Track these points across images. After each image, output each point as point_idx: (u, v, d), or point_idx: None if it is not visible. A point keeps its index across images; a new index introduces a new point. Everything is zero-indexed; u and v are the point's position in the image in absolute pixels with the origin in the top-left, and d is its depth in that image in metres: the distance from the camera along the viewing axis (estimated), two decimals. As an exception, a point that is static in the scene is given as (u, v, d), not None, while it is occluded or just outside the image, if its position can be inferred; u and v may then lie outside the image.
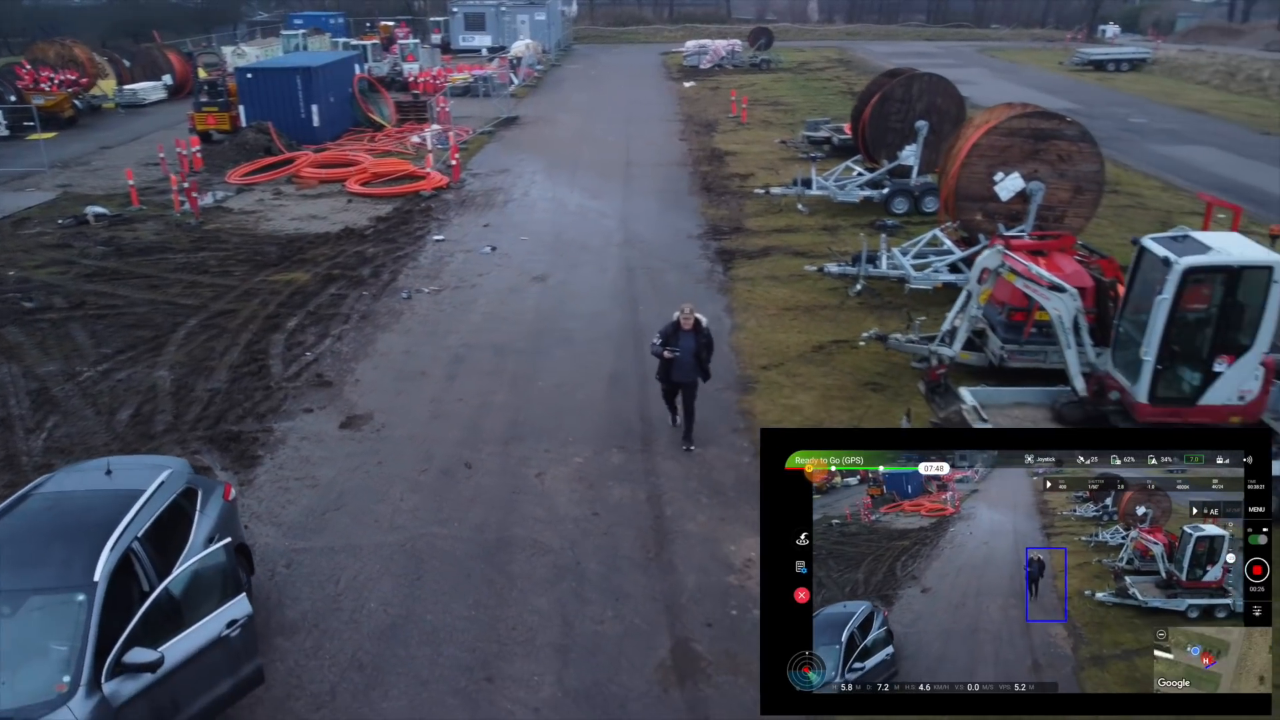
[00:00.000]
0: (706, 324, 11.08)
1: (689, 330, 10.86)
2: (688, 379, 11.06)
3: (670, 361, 10.90)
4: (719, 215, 21.94)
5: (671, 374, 11.06)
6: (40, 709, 5.91)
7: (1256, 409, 10.04)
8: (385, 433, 11.91)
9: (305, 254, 19.05)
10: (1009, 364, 12.47)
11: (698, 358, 10.94)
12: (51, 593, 6.47)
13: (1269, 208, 22.37)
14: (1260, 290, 9.49)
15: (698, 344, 10.92)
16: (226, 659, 6.87)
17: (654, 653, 8.03)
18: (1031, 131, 15.31)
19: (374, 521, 9.97)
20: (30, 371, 13.63)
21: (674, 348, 10.79)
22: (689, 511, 10.12)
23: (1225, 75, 45.06)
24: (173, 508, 7.63)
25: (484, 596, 8.78)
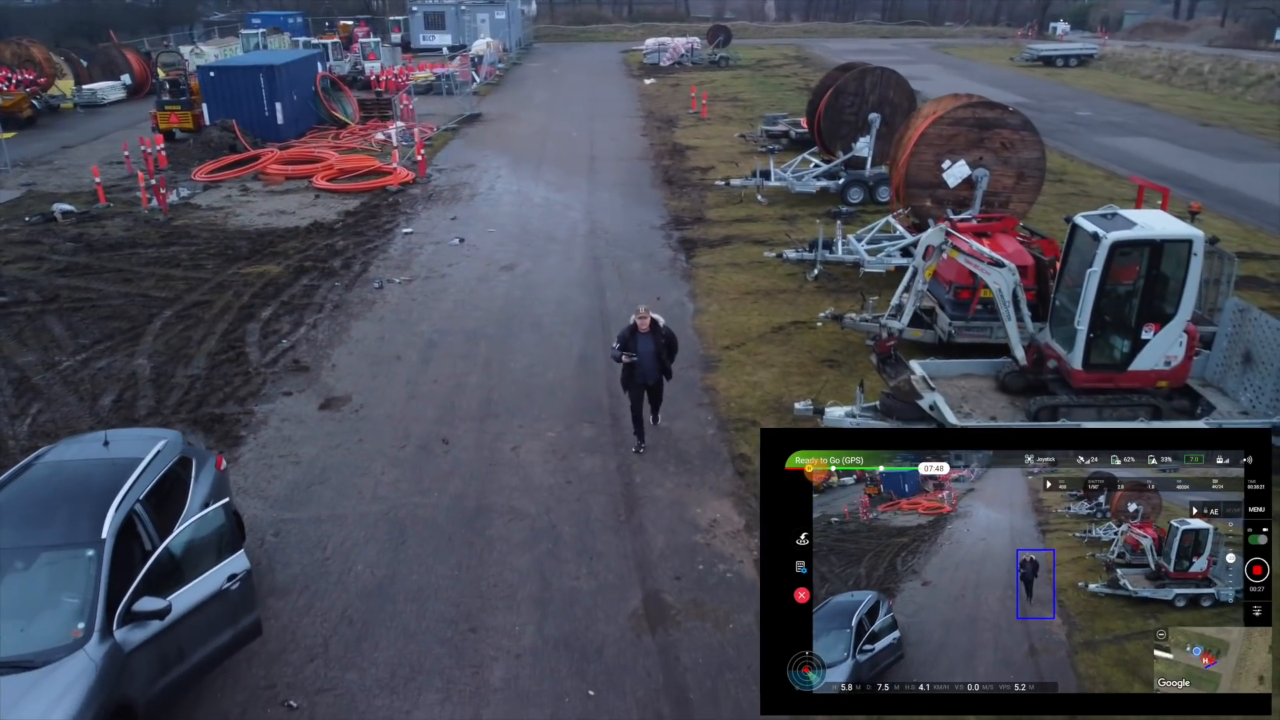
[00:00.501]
0: (665, 323, 10.97)
1: (646, 332, 10.69)
2: (652, 380, 10.95)
3: (632, 366, 10.72)
4: (681, 206, 22.56)
5: (635, 377, 10.84)
6: (59, 652, 6.36)
7: (1181, 374, 10.84)
8: (364, 413, 12.36)
9: (275, 247, 19.37)
10: (957, 339, 13.19)
11: (659, 358, 10.80)
12: (63, 549, 6.91)
13: (1204, 194, 23.41)
14: (1182, 262, 10.26)
15: (657, 344, 10.76)
16: (227, 611, 7.34)
17: (627, 604, 8.60)
18: (976, 121, 16.09)
19: (357, 493, 10.44)
20: (9, 361, 13.89)
21: (632, 352, 10.63)
22: (657, 479, 10.70)
23: (1168, 70, 46.58)
24: (169, 474, 8.07)
25: (465, 558, 9.30)
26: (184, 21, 73.22)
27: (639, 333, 10.69)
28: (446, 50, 57.56)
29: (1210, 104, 39.04)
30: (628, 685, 7.65)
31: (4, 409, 12.45)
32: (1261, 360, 10.71)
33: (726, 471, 10.83)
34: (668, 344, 10.90)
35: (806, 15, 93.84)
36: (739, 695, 7.49)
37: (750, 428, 11.74)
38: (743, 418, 12.02)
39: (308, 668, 7.84)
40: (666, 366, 10.99)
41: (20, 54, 37.00)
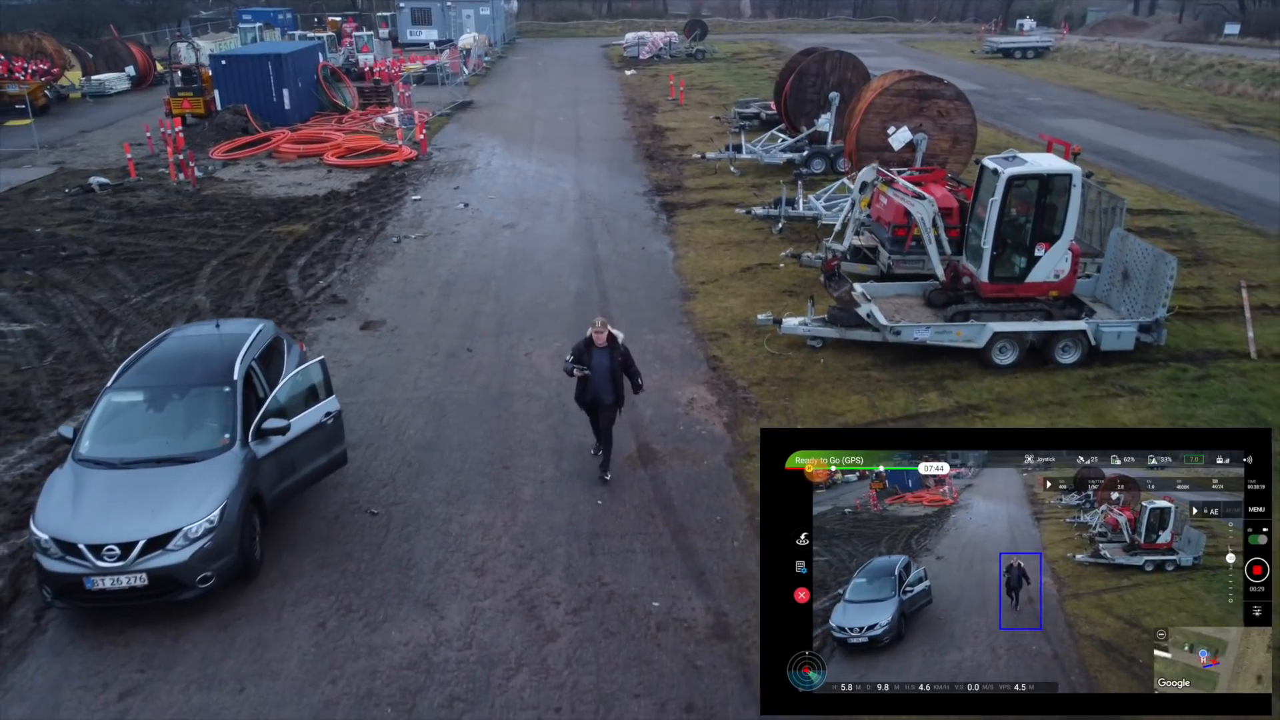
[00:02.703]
0: (623, 339, 10.24)
1: (602, 346, 9.95)
2: (605, 398, 10.09)
3: (585, 380, 10.04)
4: (661, 177, 25.02)
5: (587, 393, 10.13)
6: (214, 453, 8.73)
7: (1068, 285, 13.38)
8: (398, 332, 14.73)
9: (299, 212, 21.66)
10: (895, 270, 15.67)
11: (614, 376, 9.99)
12: (207, 387, 9.26)
13: (1130, 165, 26.20)
14: (1064, 192, 12.79)
15: (613, 361, 9.97)
16: (324, 440, 9.74)
17: (625, 450, 11.02)
18: (916, 92, 18.64)
19: (401, 385, 12.82)
20: (85, 299, 16.14)
21: (585, 366, 9.92)
22: (645, 372, 12.96)
23: (1116, 61, 49.52)
24: (270, 346, 10.42)
25: (494, 425, 11.70)
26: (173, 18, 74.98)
27: (594, 346, 9.95)
28: (433, 45, 59.70)
29: (1151, 91, 41.96)
30: (627, 498, 10.09)
31: (92, 331, 14.72)
32: (1135, 276, 13.28)
33: (702, 368, 13.30)
34: (625, 362, 10.08)
35: (780, 12, 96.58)
36: (711, 503, 9.95)
37: (722, 339, 14.21)
38: (715, 331, 14.49)
39: (381, 491, 10.23)
40: (621, 388, 10.12)
41: (33, 45, 38.94)
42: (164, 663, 7.76)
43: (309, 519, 9.72)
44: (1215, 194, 22.91)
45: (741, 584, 8.61)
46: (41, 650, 7.94)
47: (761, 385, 12.65)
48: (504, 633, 8.07)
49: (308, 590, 8.63)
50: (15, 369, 13.36)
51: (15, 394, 12.56)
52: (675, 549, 9.22)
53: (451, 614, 8.30)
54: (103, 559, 7.87)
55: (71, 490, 8.32)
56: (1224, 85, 40.31)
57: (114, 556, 7.88)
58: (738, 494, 10.12)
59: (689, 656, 7.77)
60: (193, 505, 8.21)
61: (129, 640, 8.00)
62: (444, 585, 8.68)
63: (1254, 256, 17.89)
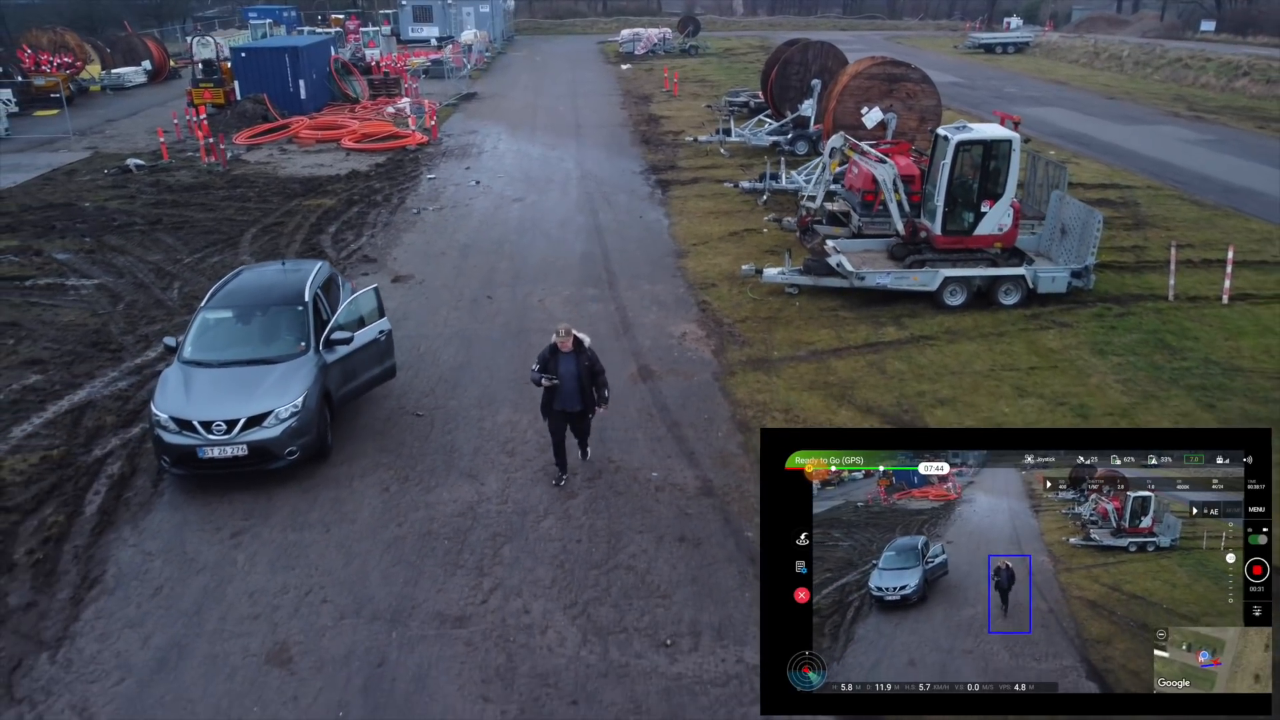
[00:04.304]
0: (590, 344, 9.98)
1: (569, 353, 9.66)
2: (573, 407, 9.84)
3: (553, 390, 9.69)
4: (657, 158, 27.04)
5: (554, 403, 9.77)
6: (293, 356, 10.71)
7: (1011, 238, 15.39)
8: (425, 284, 16.71)
9: (324, 188, 23.62)
10: (865, 232, 17.68)
11: (581, 383, 9.70)
12: (284, 305, 11.22)
13: (1091, 147, 28.28)
14: (1005, 155, 14.80)
15: (580, 367, 9.66)
16: (378, 354, 11.72)
17: (627, 368, 13.01)
18: (886, 76, 20.67)
19: (432, 324, 14.80)
20: (142, 259, 18.08)
21: (552, 375, 9.61)
22: (643, 313, 15.14)
23: (1091, 55, 51.70)
24: (329, 279, 12.39)
25: (515, 353, 13.68)
26: (178, 16, 76.87)
27: (560, 353, 9.67)
28: (434, 41, 61.66)
29: (1121, 82, 44.11)
30: (629, 404, 12.06)
31: (154, 284, 16.67)
32: (1070, 230, 15.31)
33: (693, 310, 15.30)
34: (591, 368, 9.81)
35: (772, 10, 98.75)
36: (700, 407, 11.93)
37: (710, 288, 16.21)
38: (705, 282, 16.50)
39: (424, 399, 12.22)
40: (590, 395, 9.84)
41: (56, 40, 40.80)
42: (262, 514, 9.74)
43: (367, 419, 11.70)
44: (1164, 171, 24.99)
45: (724, 461, 10.62)
46: (162, 507, 9.92)
47: (744, 323, 14.65)
48: (533, 493, 10.06)
49: (371, 466, 10.62)
50: (93, 313, 15.30)
51: (98, 332, 14.51)
52: (670, 438, 11.22)
53: (490, 481, 10.28)
54: (212, 433, 9.84)
55: (183, 383, 10.29)
56: (1190, 77, 42.48)
57: (220, 431, 9.86)
58: (722, 400, 12.13)
59: (681, 507, 9.77)
60: (280, 393, 10.19)
61: (231, 500, 9.98)
62: (482, 463, 10.67)
63: (1188, 222, 19.95)
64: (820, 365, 13.08)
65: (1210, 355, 13.13)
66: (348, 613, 8.25)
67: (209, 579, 8.73)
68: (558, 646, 7.83)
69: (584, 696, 7.31)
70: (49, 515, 9.65)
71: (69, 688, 7.42)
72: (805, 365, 13.10)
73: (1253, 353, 13.23)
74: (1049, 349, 13.47)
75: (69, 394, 12.37)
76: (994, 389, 12.24)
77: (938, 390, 12.24)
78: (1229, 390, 12.09)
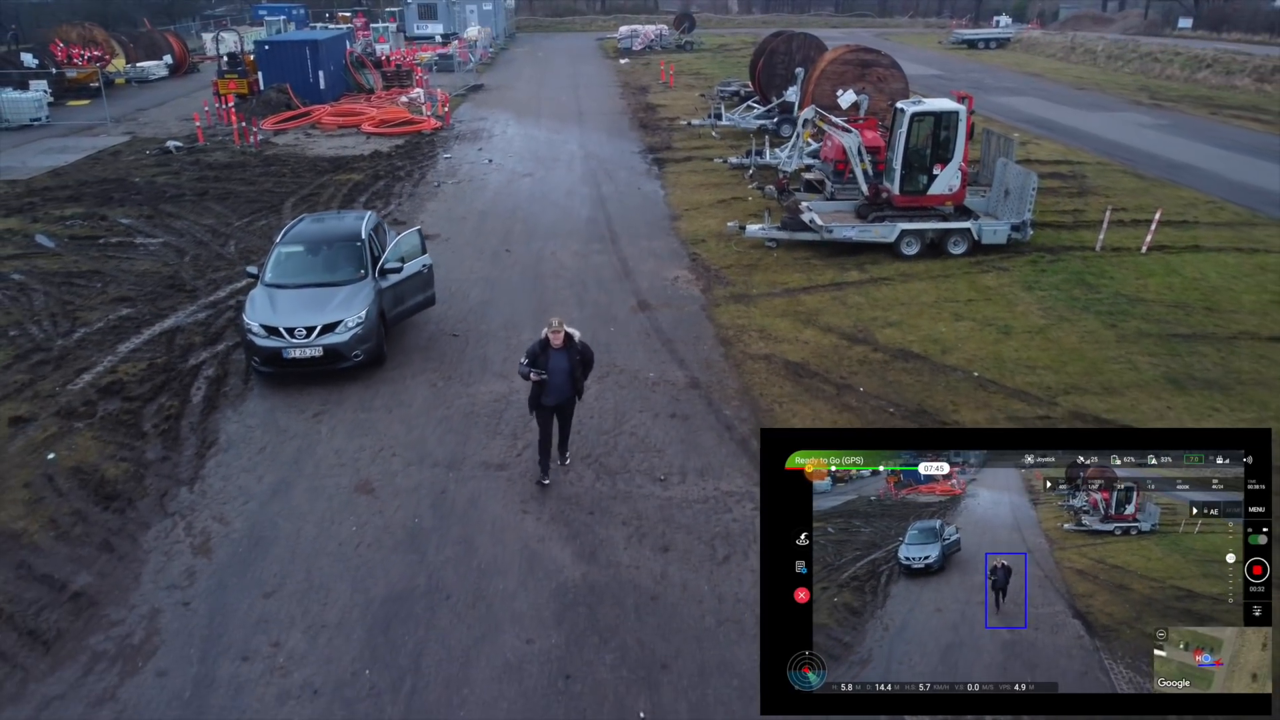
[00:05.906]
0: (581, 338, 9.86)
1: (560, 348, 9.55)
2: (562, 401, 9.87)
3: (542, 385, 9.57)
4: (653, 140, 29.43)
5: (543, 397, 9.68)
6: (355, 280, 13.07)
7: (959, 197, 17.78)
8: (451, 241, 19.07)
9: (351, 166, 25.98)
10: (837, 197, 20.07)
11: (573, 377, 9.68)
12: (345, 243, 13.59)
13: (1054, 131, 30.69)
14: (954, 126, 17.20)
15: (571, 362, 9.59)
16: (422, 283, 14.10)
17: (628, 302, 15.40)
18: (859, 61, 23.04)
19: (459, 270, 17.16)
20: (196, 223, 20.42)
21: (542, 370, 9.50)
22: (641, 262, 17.52)
23: (1067, 49, 54.16)
24: (377, 225, 14.75)
25: (533, 292, 16.05)
26: (190, 14, 79.20)
27: (551, 348, 9.56)
28: (439, 38, 64.03)
29: (1093, 74, 46.56)
30: (632, 330, 14.44)
31: (212, 243, 19.02)
32: (1012, 191, 17.70)
33: (685, 260, 17.69)
34: (583, 361, 9.81)
35: (766, 8, 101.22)
36: (689, 330, 14.30)
37: (700, 243, 18.60)
38: (696, 239, 18.88)
39: (459, 324, 14.60)
40: (579, 385, 9.86)
41: (84, 35, 43.12)
42: (336, 401, 12.12)
43: (412, 338, 14.07)
44: (1116, 151, 27.42)
45: (708, 365, 13.00)
46: (253, 398, 12.28)
47: (729, 269, 17.03)
48: (553, 387, 12.42)
49: (420, 370, 13.00)
50: (164, 263, 17.65)
51: (171, 278, 16.84)
52: (664, 350, 13.61)
53: (518, 382, 12.62)
54: (295, 337, 12.21)
55: (268, 300, 12.65)
56: (1157, 70, 44.94)
57: (301, 335, 12.22)
58: (708, 324, 14.51)
59: (673, 396, 12.15)
60: (347, 308, 12.56)
61: (309, 392, 12.35)
62: (511, 368, 12.98)
63: (1128, 191, 22.36)
64: (792, 299, 15.47)
65: (1120, 290, 15.54)
66: (413, 462, 10.64)
67: (301, 443, 11.11)
68: (577, 481, 10.22)
69: (599, 509, 9.69)
70: (165, 401, 12.02)
71: (207, 508, 9.79)
72: (779, 299, 15.48)
73: (1157, 289, 15.64)
74: (986, 286, 15.86)
75: (158, 322, 14.72)
76: (935, 315, 14.63)
77: (889, 316, 14.63)
78: (1129, 314, 14.50)
